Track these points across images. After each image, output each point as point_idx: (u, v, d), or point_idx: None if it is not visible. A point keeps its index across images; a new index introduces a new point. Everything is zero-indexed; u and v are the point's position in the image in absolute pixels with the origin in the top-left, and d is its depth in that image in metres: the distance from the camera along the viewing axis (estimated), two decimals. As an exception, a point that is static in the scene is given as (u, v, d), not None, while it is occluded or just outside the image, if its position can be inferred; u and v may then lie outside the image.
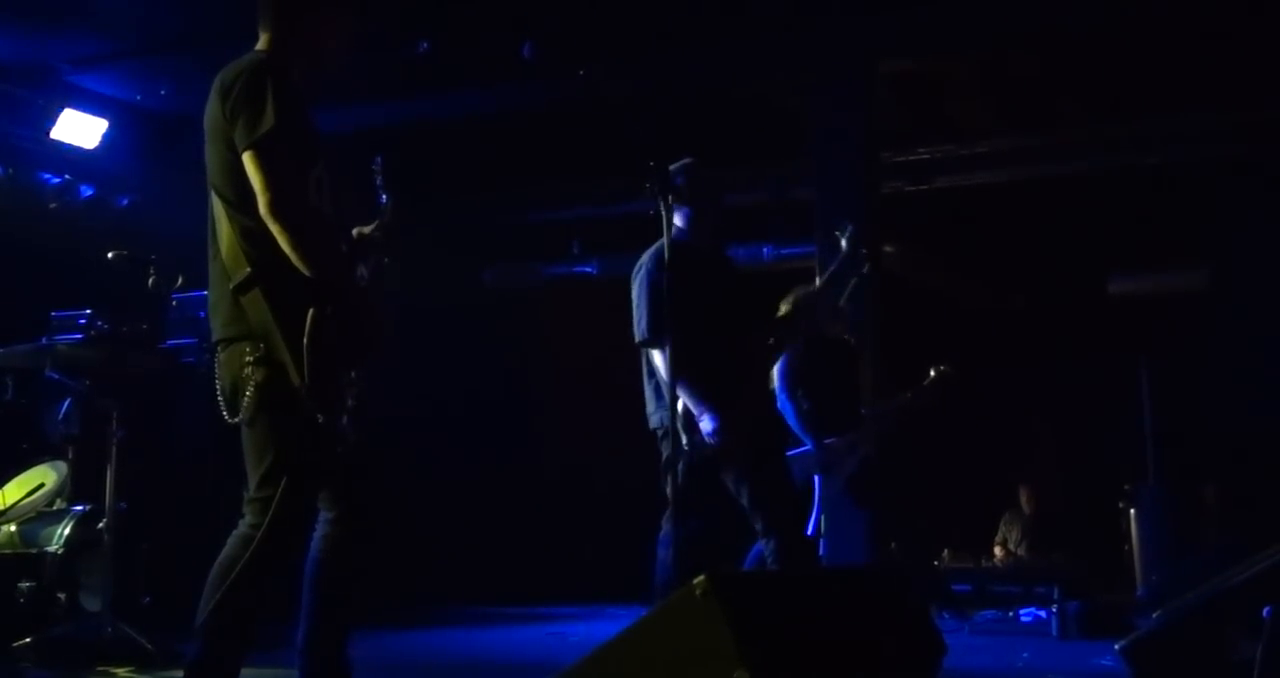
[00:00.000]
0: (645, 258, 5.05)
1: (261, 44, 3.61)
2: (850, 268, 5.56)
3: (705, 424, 4.78)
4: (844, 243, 5.42)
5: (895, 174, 9.32)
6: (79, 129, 8.13)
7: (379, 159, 3.78)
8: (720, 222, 5.26)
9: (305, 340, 3.24)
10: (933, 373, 6.95)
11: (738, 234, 9.08)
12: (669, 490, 4.87)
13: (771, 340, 5.28)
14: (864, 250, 5.46)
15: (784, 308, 5.88)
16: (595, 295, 11.10)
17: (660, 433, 4.97)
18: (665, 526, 4.89)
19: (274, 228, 3.28)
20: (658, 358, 4.91)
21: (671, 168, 5.01)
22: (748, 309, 5.22)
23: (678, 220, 5.03)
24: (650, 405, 5.07)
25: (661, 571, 4.80)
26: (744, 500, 4.94)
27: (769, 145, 9.01)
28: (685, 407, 4.82)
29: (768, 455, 5.06)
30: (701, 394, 4.80)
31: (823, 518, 6.23)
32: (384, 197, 3.76)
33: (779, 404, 6.17)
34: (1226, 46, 7.78)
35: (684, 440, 4.83)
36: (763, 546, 4.93)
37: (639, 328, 4.98)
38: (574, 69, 7.95)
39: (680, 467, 4.87)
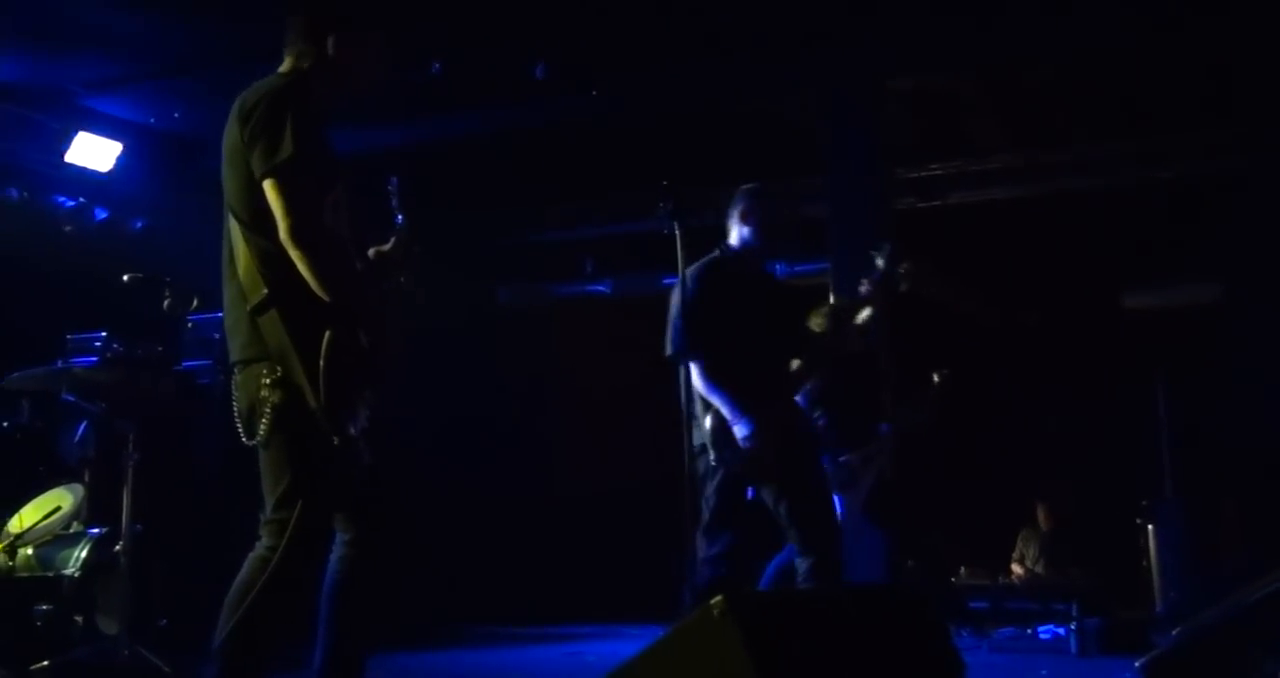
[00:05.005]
0: (687, 274, 5.09)
1: (285, 66, 3.60)
2: (888, 286, 5.54)
3: (739, 430, 4.81)
4: (880, 261, 5.41)
5: (908, 190, 9.32)
6: (93, 152, 8.17)
7: (395, 180, 3.78)
8: (781, 246, 5.34)
9: (322, 362, 3.24)
10: (935, 379, 6.93)
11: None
12: (705, 507, 4.91)
13: (802, 360, 5.28)
14: (902, 269, 5.45)
15: (816, 324, 5.91)
16: (609, 314, 11.13)
17: (699, 449, 5.00)
18: (702, 545, 4.91)
19: (294, 253, 3.28)
20: (693, 372, 4.95)
21: (742, 189, 5.14)
22: (786, 327, 5.25)
23: (733, 239, 5.17)
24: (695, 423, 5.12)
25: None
26: (782, 516, 4.94)
27: (781, 163, 9.01)
28: (716, 423, 4.85)
29: (807, 471, 5.05)
30: (737, 402, 4.84)
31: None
32: (400, 217, 3.77)
33: None
34: (1237, 61, 7.78)
35: (712, 456, 4.86)
36: (798, 563, 4.92)
37: (670, 342, 5.01)
38: (586, 89, 8.01)
39: (712, 484, 4.91)
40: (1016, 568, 9.71)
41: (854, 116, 7.99)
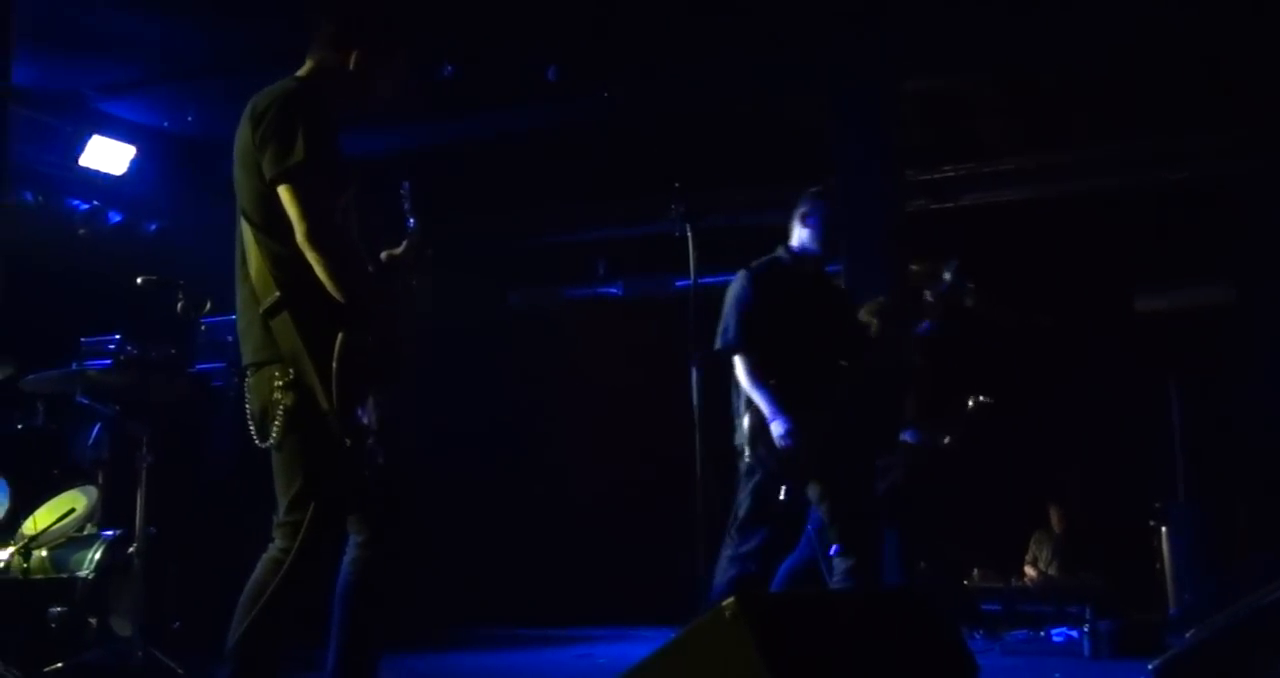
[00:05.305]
0: (741, 272, 5.16)
1: (303, 71, 3.60)
2: (952, 300, 5.54)
3: (776, 428, 4.83)
4: (947, 275, 5.41)
5: (919, 192, 9.31)
6: (107, 155, 8.20)
7: (406, 184, 3.79)
8: (835, 247, 5.35)
9: (334, 365, 3.25)
10: (970, 404, 6.90)
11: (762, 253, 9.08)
12: (740, 506, 4.94)
13: (854, 362, 5.29)
14: (970, 285, 5.47)
15: (871, 322, 5.91)
16: (620, 316, 11.12)
17: (738, 449, 5.02)
18: (734, 542, 4.92)
19: (311, 256, 3.28)
20: (738, 368, 4.97)
21: (806, 191, 5.18)
22: (839, 329, 5.26)
23: (793, 240, 5.21)
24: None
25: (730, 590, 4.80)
26: (824, 514, 4.96)
27: (793, 165, 9.02)
28: (755, 421, 4.86)
29: (848, 473, 5.06)
30: (777, 401, 4.86)
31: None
32: (411, 220, 3.78)
33: None
34: (1250, 60, 7.76)
35: (747, 454, 4.88)
36: (837, 563, 4.94)
37: (722, 336, 5.07)
38: (598, 90, 8.01)
39: (749, 484, 4.92)
40: (1029, 570, 9.68)
41: (865, 118, 7.99)
